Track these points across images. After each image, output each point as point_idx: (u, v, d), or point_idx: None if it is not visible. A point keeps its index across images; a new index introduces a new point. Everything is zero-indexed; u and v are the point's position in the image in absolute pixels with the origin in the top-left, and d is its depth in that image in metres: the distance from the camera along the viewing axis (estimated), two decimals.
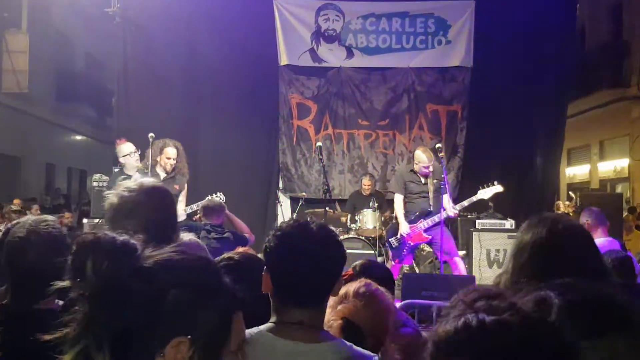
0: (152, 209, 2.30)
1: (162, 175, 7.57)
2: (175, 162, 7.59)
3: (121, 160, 8.07)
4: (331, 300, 2.24)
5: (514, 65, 11.19)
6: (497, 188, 8.22)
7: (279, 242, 2.13)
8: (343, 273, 3.20)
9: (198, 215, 7.65)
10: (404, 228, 8.18)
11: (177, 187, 7.62)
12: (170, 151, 7.57)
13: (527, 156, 11.45)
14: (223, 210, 6.98)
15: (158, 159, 7.57)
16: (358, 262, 3.28)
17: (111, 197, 2.33)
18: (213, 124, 11.48)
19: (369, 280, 2.46)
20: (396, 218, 8.62)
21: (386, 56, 11.67)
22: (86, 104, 20.50)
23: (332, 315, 2.24)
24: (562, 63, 11.40)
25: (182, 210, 7.69)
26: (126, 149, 7.95)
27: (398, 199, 8.44)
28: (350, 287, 2.36)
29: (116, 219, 2.28)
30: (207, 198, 7.68)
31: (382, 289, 2.46)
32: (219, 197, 7.90)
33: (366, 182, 10.57)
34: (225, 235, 6.51)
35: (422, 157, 8.19)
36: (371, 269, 3.16)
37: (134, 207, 2.28)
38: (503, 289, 1.74)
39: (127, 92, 11.51)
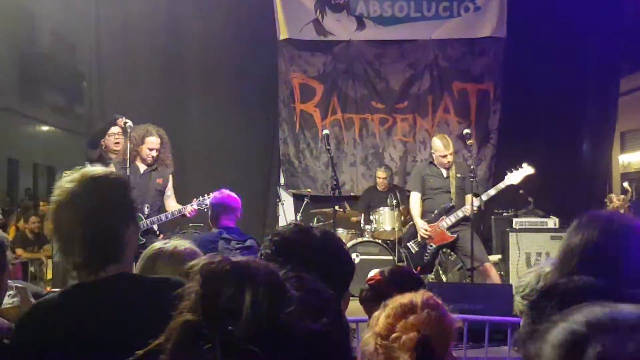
0: (90, 201, 2.28)
1: (142, 168, 7.53)
2: (157, 153, 7.55)
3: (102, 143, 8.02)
4: (390, 309, 2.19)
5: (555, 34, 11.11)
6: (527, 170, 8.16)
7: (276, 250, 2.12)
8: (370, 277, 3.17)
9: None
10: (421, 227, 8.13)
11: (160, 180, 7.60)
12: (153, 141, 7.52)
13: (572, 142, 11.40)
14: (240, 207, 6.49)
15: (138, 150, 7.51)
16: (386, 268, 3.24)
17: (54, 190, 2.35)
18: (201, 111, 11.45)
19: (429, 292, 2.41)
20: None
21: (404, 27, 11.61)
22: (53, 90, 20.53)
23: (399, 327, 2.16)
24: (612, 30, 11.29)
25: (175, 205, 7.66)
26: (113, 128, 7.99)
27: (414, 198, 8.40)
28: (415, 296, 2.28)
29: (56, 215, 2.30)
30: (196, 201, 7.57)
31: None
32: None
33: (381, 174, 10.53)
34: (247, 243, 6.19)
35: (438, 145, 8.17)
36: (402, 277, 3.11)
37: (70, 200, 2.28)
38: None
39: (101, 74, 11.48)
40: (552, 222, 9.37)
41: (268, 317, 1.14)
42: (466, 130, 8.45)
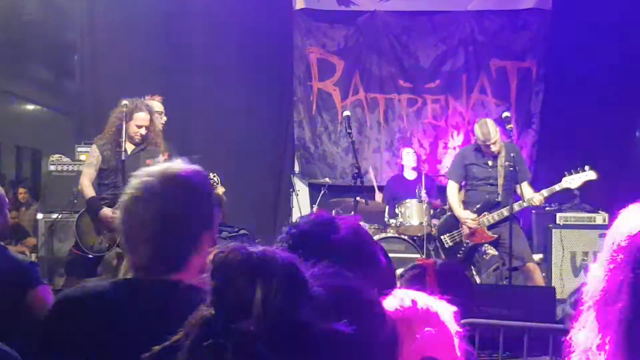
0: (170, 201, 2.29)
1: (130, 148, 7.58)
2: (146, 131, 7.61)
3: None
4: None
5: (607, 6, 11.05)
6: (589, 175, 8.04)
7: (294, 245, 2.09)
8: (418, 260, 3.18)
9: None
10: (467, 218, 8.09)
11: (150, 161, 7.67)
12: (142, 117, 7.58)
13: (625, 127, 11.32)
14: (222, 204, 6.73)
15: (126, 127, 7.52)
16: (441, 260, 3.27)
17: (131, 180, 2.35)
18: (206, 89, 11.46)
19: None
20: (450, 209, 8.58)
21: None
22: (39, 63, 20.55)
23: (408, 346, 2.15)
24: None
25: None
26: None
27: (451, 188, 8.40)
28: (426, 300, 2.27)
29: (126, 209, 2.30)
30: None
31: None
32: (212, 180, 7.81)
33: (408, 149, 10.56)
34: (241, 232, 6.28)
35: (477, 133, 8.16)
36: (451, 279, 3.10)
37: (148, 197, 2.28)
38: None
39: (94, 45, 11.54)
40: (600, 217, 9.34)
41: (282, 313, 1.14)
42: (505, 114, 8.45)
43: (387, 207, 10.11)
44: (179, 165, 2.41)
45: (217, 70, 11.42)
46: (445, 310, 2.28)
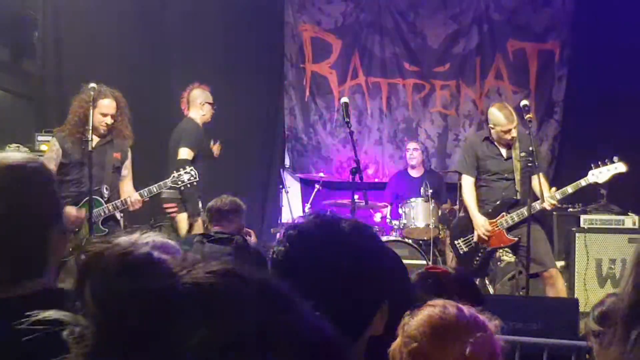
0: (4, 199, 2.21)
1: (94, 140, 7.53)
2: (112, 120, 7.59)
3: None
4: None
5: None
6: (618, 167, 8.01)
7: (292, 249, 2.08)
8: (427, 267, 3.18)
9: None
10: (481, 225, 8.07)
11: (118, 155, 7.68)
12: (107, 104, 7.54)
13: None
14: (238, 211, 6.86)
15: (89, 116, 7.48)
16: (452, 267, 3.30)
17: None
18: (185, 71, 11.40)
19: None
20: (464, 210, 8.55)
21: None
22: None
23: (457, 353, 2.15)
24: None
25: (129, 190, 7.73)
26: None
27: (466, 183, 8.30)
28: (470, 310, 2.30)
29: None
30: (172, 176, 7.66)
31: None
32: (189, 174, 7.81)
33: (412, 145, 10.56)
34: (234, 238, 6.39)
35: (499, 117, 8.06)
36: (469, 287, 3.11)
37: None
38: None
39: (57, 22, 11.48)
40: (630, 220, 9.33)
41: (110, 306, 1.14)
42: (524, 102, 8.38)
43: (389, 207, 10.11)
44: (9, 154, 2.32)
45: (200, 49, 11.39)
46: (489, 322, 2.31)
